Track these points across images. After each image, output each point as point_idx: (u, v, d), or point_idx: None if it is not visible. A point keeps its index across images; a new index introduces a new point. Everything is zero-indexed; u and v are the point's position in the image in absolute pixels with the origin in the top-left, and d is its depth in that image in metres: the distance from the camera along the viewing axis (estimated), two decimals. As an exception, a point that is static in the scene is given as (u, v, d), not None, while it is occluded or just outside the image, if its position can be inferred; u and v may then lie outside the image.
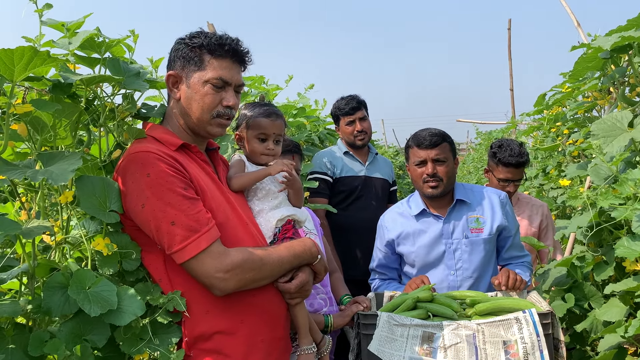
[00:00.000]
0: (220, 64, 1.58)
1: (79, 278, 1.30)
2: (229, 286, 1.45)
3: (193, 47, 1.57)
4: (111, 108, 1.53)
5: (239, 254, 1.47)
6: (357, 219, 3.30)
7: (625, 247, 1.84)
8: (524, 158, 3.08)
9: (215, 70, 1.57)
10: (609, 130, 1.99)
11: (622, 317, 1.92)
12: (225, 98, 1.59)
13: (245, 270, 1.47)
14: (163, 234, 1.41)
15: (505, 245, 2.46)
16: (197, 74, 1.57)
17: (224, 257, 1.44)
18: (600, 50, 2.20)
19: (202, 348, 1.48)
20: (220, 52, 1.57)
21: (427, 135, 2.36)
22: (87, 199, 1.39)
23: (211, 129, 1.61)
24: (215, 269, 1.42)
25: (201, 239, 1.41)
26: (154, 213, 1.40)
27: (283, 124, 1.86)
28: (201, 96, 1.57)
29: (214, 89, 1.57)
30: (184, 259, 1.41)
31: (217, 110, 1.59)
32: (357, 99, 3.41)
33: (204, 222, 1.44)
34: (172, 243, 1.41)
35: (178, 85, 1.60)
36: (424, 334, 1.80)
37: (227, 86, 1.60)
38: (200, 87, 1.56)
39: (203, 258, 1.42)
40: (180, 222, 1.40)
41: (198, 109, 1.58)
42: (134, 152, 1.46)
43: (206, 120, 1.59)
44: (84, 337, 1.31)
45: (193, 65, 1.57)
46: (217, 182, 1.63)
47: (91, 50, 1.53)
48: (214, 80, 1.56)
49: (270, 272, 1.54)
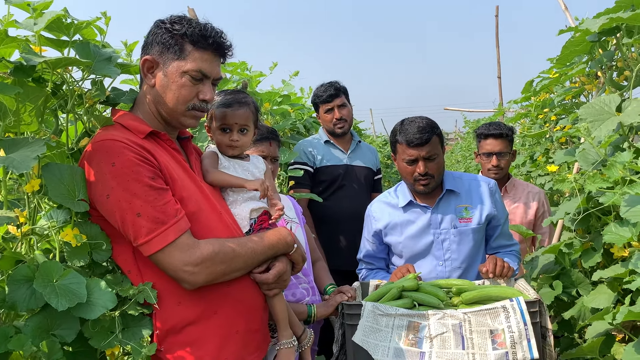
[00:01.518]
0: (202, 56, 1.51)
1: (46, 270, 1.24)
2: (199, 280, 1.40)
3: (174, 34, 1.50)
4: (80, 94, 1.46)
5: (209, 246, 1.42)
6: (339, 208, 3.25)
7: (613, 233, 1.81)
8: (503, 130, 3.10)
9: (196, 62, 1.50)
10: (597, 114, 1.95)
11: (610, 304, 1.90)
12: (202, 91, 1.53)
13: (216, 262, 1.42)
14: (128, 225, 1.35)
15: (494, 234, 2.42)
16: (175, 63, 1.50)
17: (193, 249, 1.39)
18: (588, 33, 2.16)
19: (174, 341, 1.43)
20: (203, 44, 1.50)
21: (417, 132, 2.24)
22: (55, 187, 1.33)
23: (184, 120, 1.55)
24: (183, 263, 1.37)
25: (168, 231, 1.36)
26: (119, 204, 1.35)
27: (249, 112, 1.75)
28: (178, 87, 1.50)
29: (192, 80, 1.51)
30: (151, 252, 1.36)
31: (193, 102, 1.53)
32: (336, 85, 3.32)
33: (172, 214, 1.38)
34: (138, 235, 1.35)
35: (154, 71, 1.53)
36: (410, 324, 1.76)
37: (205, 79, 1.53)
38: (178, 77, 1.50)
39: (170, 251, 1.36)
40: (146, 214, 1.35)
41: (173, 100, 1.51)
42: (99, 140, 1.39)
43: (180, 112, 1.53)
44: (51, 332, 1.26)
45: (172, 53, 1.50)
46: (189, 170, 1.57)
47: (59, 33, 1.45)
48: (194, 73, 1.50)
49: (244, 263, 1.50)
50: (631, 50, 2.16)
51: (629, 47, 2.15)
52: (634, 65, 2.09)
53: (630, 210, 1.63)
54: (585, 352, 1.93)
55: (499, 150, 3.08)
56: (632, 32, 2.01)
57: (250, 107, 1.76)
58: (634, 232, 1.76)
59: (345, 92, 3.38)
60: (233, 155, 1.75)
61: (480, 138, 3.17)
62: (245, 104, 1.75)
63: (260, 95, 3.22)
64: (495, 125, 3.13)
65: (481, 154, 3.15)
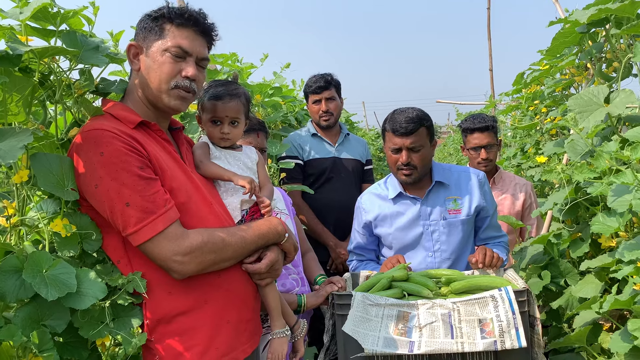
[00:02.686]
0: (181, 33, 1.52)
1: (35, 261, 1.24)
2: (188, 269, 1.40)
3: (155, 17, 1.52)
4: (68, 84, 1.45)
5: (198, 236, 1.42)
6: (328, 200, 3.26)
7: (601, 223, 1.83)
8: (488, 122, 3.11)
9: (175, 39, 1.51)
10: (586, 105, 1.97)
11: (597, 293, 1.92)
12: (185, 69, 1.52)
13: (205, 252, 1.42)
14: (117, 215, 1.35)
15: (483, 226, 2.44)
16: (157, 43, 1.51)
17: (182, 239, 1.39)
18: (578, 24, 2.17)
19: (164, 331, 1.43)
20: (180, 21, 1.51)
21: (404, 121, 2.26)
22: (44, 176, 1.32)
23: (169, 100, 1.53)
24: (172, 252, 1.37)
25: (157, 220, 1.36)
26: (108, 194, 1.34)
27: (240, 104, 1.74)
28: (159, 65, 1.50)
29: (173, 58, 1.50)
30: (140, 242, 1.36)
31: (176, 80, 1.52)
32: (327, 78, 3.31)
33: (161, 204, 1.38)
34: (127, 225, 1.35)
35: (139, 56, 1.54)
36: (399, 314, 1.77)
37: (187, 57, 1.53)
38: (159, 56, 1.50)
39: (159, 241, 1.36)
40: (135, 204, 1.35)
41: (156, 79, 1.51)
42: (88, 130, 1.39)
43: (164, 91, 1.52)
44: (42, 322, 1.25)
45: (153, 35, 1.51)
46: (179, 161, 1.57)
47: (46, 22, 1.44)
48: (173, 49, 1.50)
49: (233, 253, 1.50)
50: (620, 42, 2.17)
51: (617, 38, 2.16)
52: (622, 56, 2.10)
53: (617, 200, 1.65)
54: (572, 341, 1.96)
55: (486, 143, 3.09)
56: (620, 24, 2.02)
57: (242, 99, 1.75)
58: (621, 222, 1.78)
59: (337, 85, 3.37)
60: (224, 146, 1.74)
61: (466, 133, 3.17)
62: (236, 96, 1.74)
63: (252, 87, 3.21)
64: (480, 119, 3.13)
65: (469, 148, 3.16)
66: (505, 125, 5.38)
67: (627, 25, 1.92)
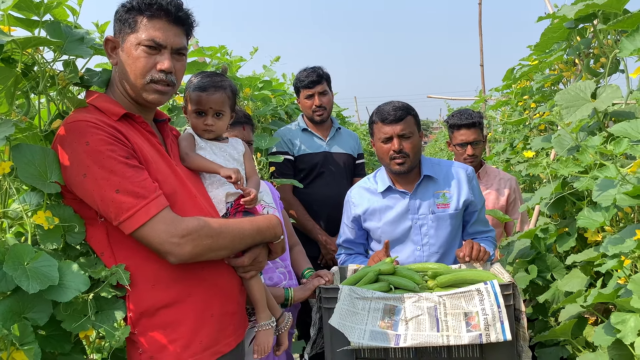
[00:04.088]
0: (153, 24, 1.48)
1: (17, 253, 1.22)
2: (185, 251, 1.38)
3: (128, 9, 1.48)
4: (52, 75, 1.44)
5: (194, 220, 1.41)
6: (320, 195, 3.25)
7: (587, 218, 1.84)
8: (475, 119, 3.11)
9: (147, 31, 1.47)
10: (573, 100, 1.97)
11: (582, 287, 1.93)
12: (159, 61, 1.48)
13: (202, 236, 1.40)
14: (108, 203, 1.34)
15: (471, 220, 2.45)
16: (131, 37, 1.48)
17: (178, 222, 1.38)
18: (565, 19, 2.18)
19: (147, 324, 1.42)
20: (150, 12, 1.47)
21: (392, 110, 2.30)
22: (26, 168, 1.31)
23: (147, 95, 1.51)
24: (169, 234, 1.36)
25: (150, 205, 1.35)
26: (97, 182, 1.33)
27: (225, 97, 1.72)
28: (133, 60, 1.48)
29: (146, 51, 1.47)
30: (134, 227, 1.34)
31: (151, 75, 1.48)
32: (319, 71, 3.28)
33: (152, 189, 1.37)
34: (120, 212, 1.34)
35: (116, 50, 1.51)
36: (386, 307, 1.77)
37: (162, 49, 1.49)
38: (133, 51, 1.47)
39: (154, 224, 1.35)
40: (125, 190, 1.33)
41: (132, 74, 1.49)
42: (71, 121, 1.37)
43: (140, 86, 1.50)
44: (23, 315, 1.24)
45: (127, 27, 1.48)
46: (164, 153, 1.55)
47: (29, 12, 1.42)
48: (146, 42, 1.47)
49: (230, 242, 1.48)
50: (607, 38, 2.18)
51: (604, 34, 2.17)
52: (609, 52, 2.11)
53: (601, 195, 1.66)
54: (558, 334, 1.97)
55: (473, 140, 3.10)
56: (608, 19, 2.03)
57: (227, 92, 1.74)
58: (607, 216, 1.79)
59: (328, 79, 3.36)
60: (209, 138, 1.73)
61: (453, 129, 3.17)
62: (221, 88, 1.72)
63: (241, 81, 3.19)
64: (466, 115, 3.13)
65: (455, 144, 3.16)
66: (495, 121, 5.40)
67: (613, 20, 1.93)
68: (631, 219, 1.86)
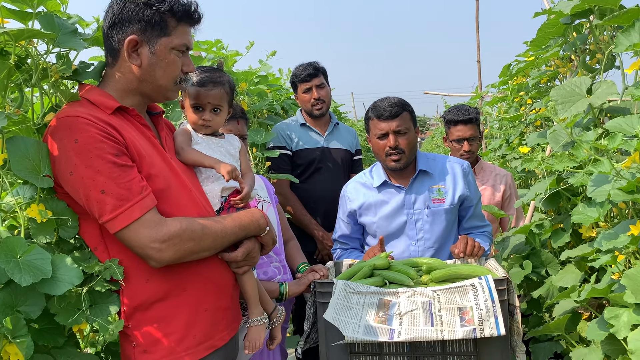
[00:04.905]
0: (185, 30, 1.53)
1: (9, 246, 1.22)
2: (165, 257, 1.38)
3: (157, 10, 1.46)
4: (45, 67, 1.42)
5: (177, 224, 1.40)
6: (317, 191, 3.24)
7: (581, 213, 1.84)
8: (472, 115, 3.11)
9: (182, 38, 1.51)
10: (568, 96, 1.98)
11: (576, 283, 1.94)
12: (185, 63, 1.54)
13: (184, 240, 1.40)
14: (93, 202, 1.33)
15: (467, 215, 2.45)
16: (162, 40, 1.48)
17: (160, 226, 1.37)
18: (562, 15, 2.17)
19: (141, 318, 1.42)
20: (188, 20, 1.52)
21: (387, 106, 2.30)
22: (19, 161, 1.30)
23: (171, 94, 1.56)
24: (150, 239, 1.35)
25: (133, 207, 1.34)
26: (83, 181, 1.32)
27: (223, 92, 1.73)
28: (167, 64, 1.50)
29: (178, 55, 1.52)
30: (116, 229, 1.34)
31: (180, 76, 1.54)
32: (315, 65, 3.28)
33: (137, 191, 1.36)
34: (103, 212, 1.33)
35: (138, 50, 1.48)
36: (380, 302, 1.77)
37: (186, 52, 1.55)
38: (167, 54, 1.49)
39: (137, 228, 1.35)
40: (110, 191, 1.33)
41: (163, 77, 1.51)
42: (62, 116, 1.36)
43: (170, 88, 1.54)
44: (16, 308, 1.24)
45: (158, 30, 1.47)
46: (158, 147, 1.55)
47: (23, 4, 1.41)
48: (181, 47, 1.51)
49: (213, 243, 1.48)
50: (603, 33, 2.18)
51: (600, 29, 2.17)
52: (605, 48, 2.11)
53: (596, 190, 1.66)
54: (551, 329, 1.98)
55: (469, 136, 3.10)
56: (604, 15, 2.03)
57: (225, 87, 1.74)
58: (601, 212, 1.80)
59: (325, 72, 3.35)
60: (206, 133, 1.73)
61: (449, 124, 3.17)
62: (219, 83, 1.72)
63: (237, 75, 3.18)
64: (463, 111, 3.13)
65: (452, 140, 3.16)
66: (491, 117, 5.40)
67: (609, 16, 1.93)
68: (625, 215, 1.86)
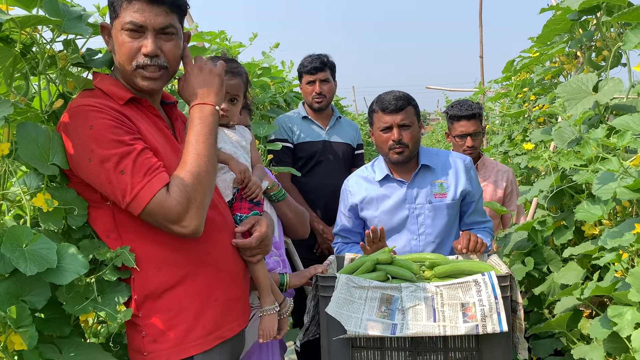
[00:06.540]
0: (132, 6, 1.40)
1: (15, 235, 1.21)
2: (191, 214, 1.36)
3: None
4: (51, 55, 1.42)
5: (180, 185, 1.37)
6: (318, 184, 3.23)
7: (585, 211, 1.84)
8: (475, 110, 3.10)
9: (127, 15, 1.41)
10: (574, 93, 1.97)
11: (579, 280, 1.94)
12: (143, 44, 1.42)
13: (195, 190, 1.38)
14: (114, 185, 1.33)
15: (468, 211, 2.45)
16: (115, 22, 1.44)
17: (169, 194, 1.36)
18: (569, 11, 2.16)
19: (151, 307, 1.42)
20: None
21: (392, 99, 2.30)
22: (28, 147, 1.29)
23: (138, 81, 1.46)
24: (174, 203, 1.34)
25: (152, 182, 1.34)
26: (102, 165, 1.32)
27: (241, 82, 1.74)
28: (119, 45, 1.44)
29: (129, 35, 1.42)
30: (142, 206, 1.33)
31: (137, 60, 1.43)
32: (323, 59, 3.25)
33: (155, 167, 1.36)
34: (125, 192, 1.33)
35: (110, 36, 1.48)
36: (383, 296, 1.77)
37: (145, 31, 1.43)
38: (119, 36, 1.43)
39: (161, 199, 1.33)
40: (129, 170, 1.32)
41: (120, 60, 1.45)
42: (75, 106, 1.36)
43: (129, 72, 1.46)
44: (21, 297, 1.23)
45: (113, 12, 1.44)
46: (171, 138, 1.54)
47: (27, -8, 1.40)
48: (127, 26, 1.41)
49: (206, 172, 1.42)
50: (610, 30, 2.17)
51: (608, 26, 2.16)
52: (612, 45, 2.10)
53: (602, 188, 1.66)
54: (553, 326, 1.98)
55: (472, 131, 3.09)
56: (611, 11, 2.02)
57: (242, 78, 1.77)
58: (605, 210, 1.80)
59: (332, 67, 3.32)
60: (221, 124, 1.73)
61: (452, 120, 3.15)
62: (237, 74, 1.76)
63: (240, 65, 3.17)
64: (466, 106, 3.11)
65: (455, 136, 3.15)
66: (493, 113, 5.39)
67: (618, 12, 1.92)
68: (629, 213, 1.86)
